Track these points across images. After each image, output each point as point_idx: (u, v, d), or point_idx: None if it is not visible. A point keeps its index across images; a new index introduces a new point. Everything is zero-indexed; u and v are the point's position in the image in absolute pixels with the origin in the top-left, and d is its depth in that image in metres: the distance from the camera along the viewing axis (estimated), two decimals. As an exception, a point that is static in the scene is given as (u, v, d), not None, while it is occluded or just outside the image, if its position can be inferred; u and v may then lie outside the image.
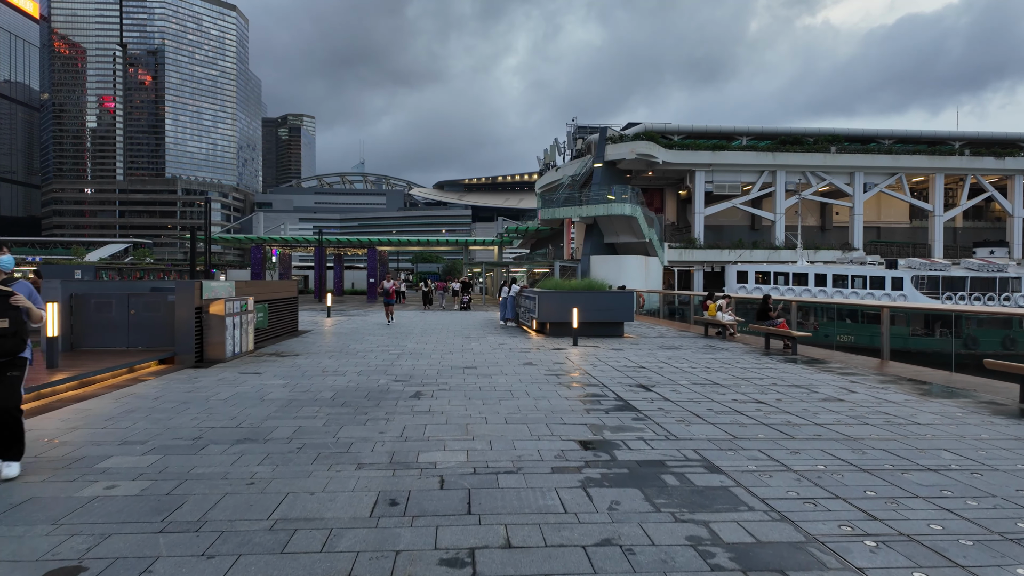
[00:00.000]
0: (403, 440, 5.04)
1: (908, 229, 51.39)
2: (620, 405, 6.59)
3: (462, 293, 28.69)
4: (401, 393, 7.11)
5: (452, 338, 13.96)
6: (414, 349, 11.66)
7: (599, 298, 14.65)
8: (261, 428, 5.39)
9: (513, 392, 7.25)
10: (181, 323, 9.07)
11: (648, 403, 6.72)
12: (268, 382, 7.76)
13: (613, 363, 9.97)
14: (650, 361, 10.29)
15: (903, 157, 44.96)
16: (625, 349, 12.05)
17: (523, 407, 6.41)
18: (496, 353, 11.17)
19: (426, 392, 7.18)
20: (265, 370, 8.72)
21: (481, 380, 8.11)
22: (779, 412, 6.38)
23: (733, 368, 9.66)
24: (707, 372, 9.18)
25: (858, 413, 6.32)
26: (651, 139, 40.01)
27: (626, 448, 4.90)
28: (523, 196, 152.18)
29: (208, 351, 9.44)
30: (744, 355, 11.42)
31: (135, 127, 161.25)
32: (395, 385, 7.66)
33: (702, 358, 10.86)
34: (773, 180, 43.99)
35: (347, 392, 7.15)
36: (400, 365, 9.46)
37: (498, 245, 43.30)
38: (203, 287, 9.37)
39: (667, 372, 9.07)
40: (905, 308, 17.42)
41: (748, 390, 7.67)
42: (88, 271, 29.83)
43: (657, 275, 38.89)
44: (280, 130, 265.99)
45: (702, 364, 10.00)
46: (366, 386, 7.57)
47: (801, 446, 5.02)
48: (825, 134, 45.62)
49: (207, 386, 7.43)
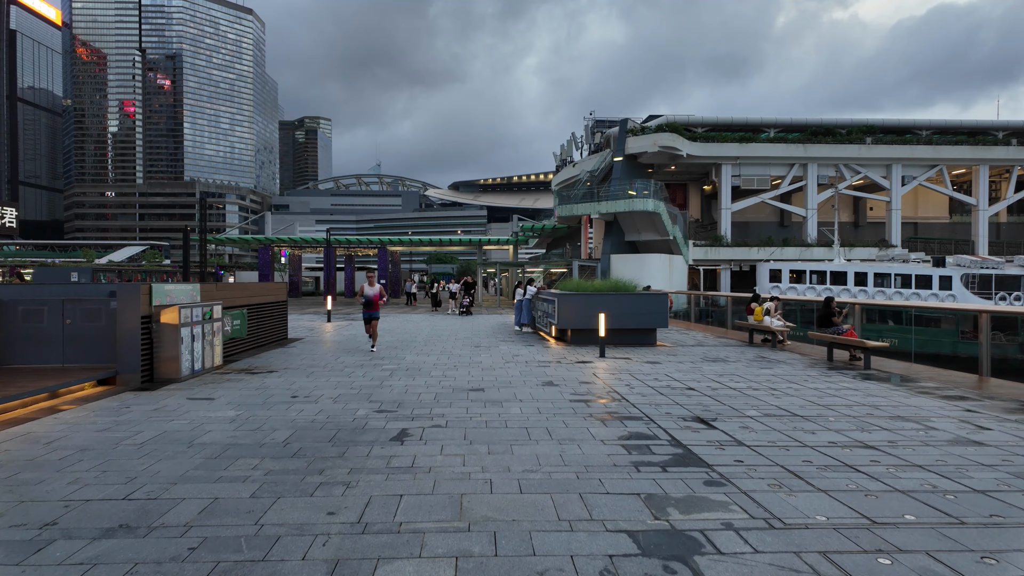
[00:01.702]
0: (360, 533, 3.24)
1: (947, 225, 48.39)
2: (679, 455, 4.73)
3: (462, 295, 23.94)
4: (380, 433, 5.33)
5: (459, 348, 12.17)
6: (412, 363, 9.90)
7: (628, 301, 12.75)
8: (157, 503, 3.64)
9: (530, 430, 5.43)
10: (124, 335, 7.42)
11: (717, 450, 4.85)
12: (215, 414, 6.05)
13: (653, 382, 8.09)
14: (698, 379, 8.39)
15: (944, 148, 42.09)
16: (663, 362, 10.15)
17: (545, 458, 4.58)
18: (509, 368, 9.36)
19: (414, 432, 5.39)
20: (221, 395, 7.02)
21: (489, 410, 6.30)
22: (906, 465, 4.47)
23: (804, 389, 7.72)
24: (774, 395, 7.26)
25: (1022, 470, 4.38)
26: (674, 131, 37.84)
27: (713, 551, 3.05)
28: (539, 196, 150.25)
29: (159, 368, 7.79)
30: (807, 369, 9.45)
31: (154, 131, 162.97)
32: (376, 419, 5.88)
33: (759, 374, 8.93)
34: (804, 174, 41.47)
35: (309, 431, 5.40)
36: (390, 386, 7.69)
37: (513, 244, 41.48)
38: (153, 291, 7.71)
39: (724, 396, 7.16)
40: (1008, 312, 15.00)
41: (841, 425, 5.75)
42: (85, 273, 28.65)
43: (681, 275, 36.70)
44: (297, 133, 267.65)
45: (763, 383, 8.07)
46: (338, 420, 5.81)
47: (994, 543, 3.11)
48: (858, 125, 42.97)
49: (132, 421, 5.74)
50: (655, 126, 39.02)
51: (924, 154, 41.85)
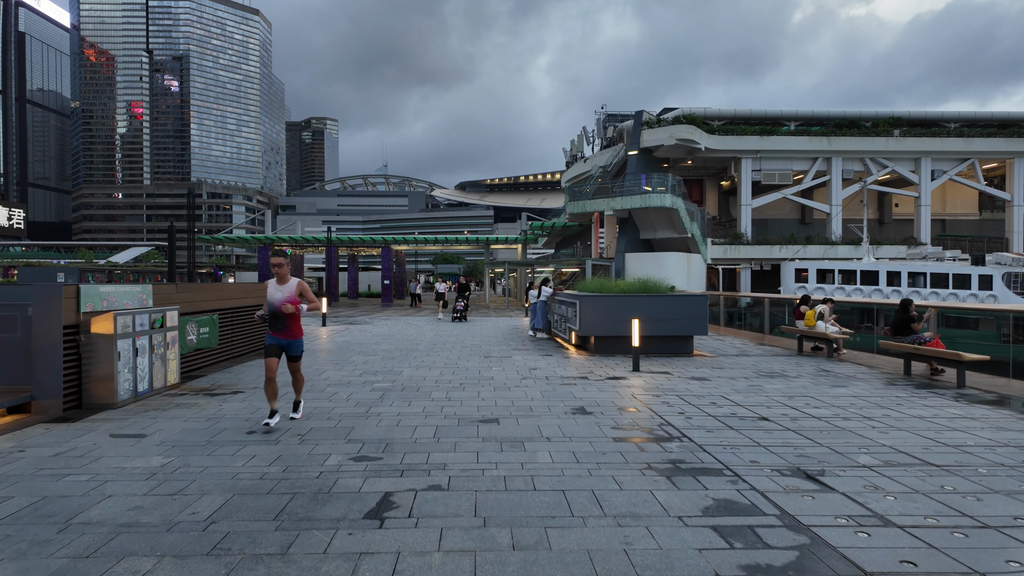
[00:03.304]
0: None
1: (976, 222, 46.19)
2: (807, 549, 3.04)
3: (457, 298, 20.68)
4: (353, 503, 3.67)
5: (466, 359, 10.52)
6: (410, 380, 8.26)
7: (662, 304, 11.04)
8: None
9: (570, 497, 3.76)
10: (41, 350, 5.84)
11: (860, 537, 3.15)
12: (133, 463, 4.43)
13: (711, 408, 6.40)
14: (765, 404, 6.68)
15: (976, 140, 39.94)
16: (711, 378, 8.44)
17: (602, 559, 2.92)
18: (528, 387, 7.69)
19: (401, 500, 3.72)
20: (158, 429, 5.40)
21: (508, 456, 4.64)
22: None
23: (907, 418, 6.01)
24: (875, 428, 5.55)
25: None
26: (692, 123, 36.02)
27: None
28: (546, 196, 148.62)
29: (90, 391, 6.20)
30: (889, 388, 7.72)
31: (161, 132, 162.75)
32: (350, 473, 4.23)
33: (837, 396, 7.21)
34: (828, 168, 39.50)
35: (250, 499, 3.75)
36: (378, 415, 6.05)
37: (522, 243, 39.79)
38: (81, 293, 6.12)
39: (812, 430, 5.46)
40: None
41: (1005, 482, 4.03)
42: (72, 273, 27.50)
43: (700, 274, 34.86)
44: (304, 133, 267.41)
45: (849, 409, 6.35)
46: (297, 475, 4.17)
47: None
48: (884, 117, 40.87)
49: (10, 476, 4.13)
50: (672, 118, 37.21)
51: (955, 147, 39.74)
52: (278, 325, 5.54)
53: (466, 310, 20.44)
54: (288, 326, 5.56)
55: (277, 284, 5.60)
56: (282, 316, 5.50)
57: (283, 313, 5.45)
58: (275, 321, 5.54)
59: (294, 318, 5.62)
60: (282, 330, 5.55)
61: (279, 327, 5.54)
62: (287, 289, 5.56)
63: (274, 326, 5.55)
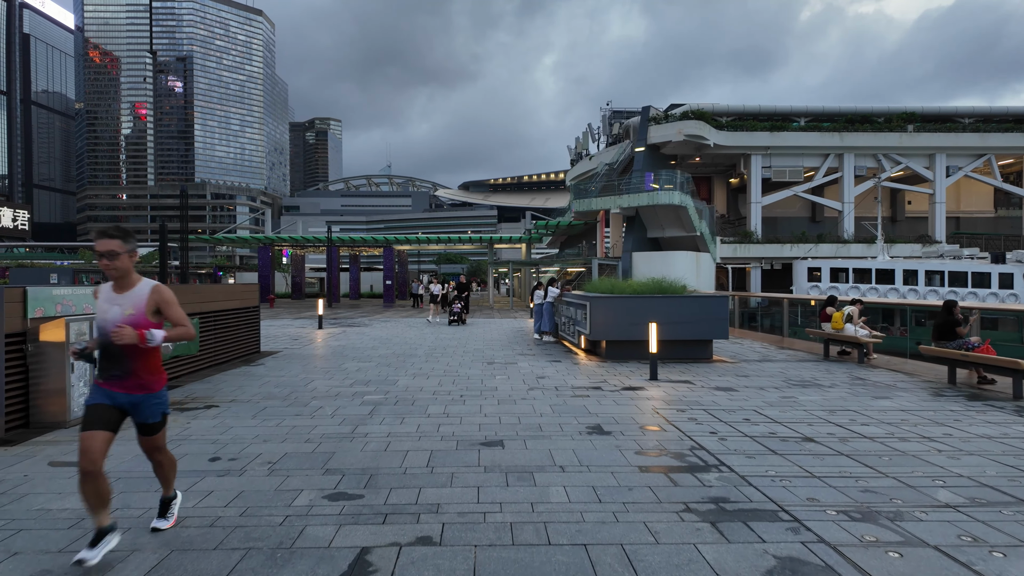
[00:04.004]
0: None
1: (991, 219, 45.08)
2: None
3: (455, 299, 18.85)
4: (317, 566, 2.90)
5: (468, 365, 9.75)
6: (405, 391, 7.49)
7: (679, 305, 10.24)
8: None
9: (594, 555, 2.96)
10: (-20, 362, 5.10)
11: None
12: (60, 505, 3.68)
13: (746, 426, 5.61)
14: (806, 420, 5.88)
15: (992, 136, 38.87)
16: (738, 388, 7.64)
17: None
18: (535, 399, 6.92)
19: (380, 564, 2.92)
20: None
21: (514, 492, 3.86)
22: None
23: (973, 438, 5.20)
24: (940, 452, 4.75)
25: None
26: (701, 118, 35.13)
27: None
28: (550, 195, 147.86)
29: (39, 407, 5.47)
30: (938, 400, 6.91)
31: (165, 133, 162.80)
32: (321, 518, 3.46)
33: (883, 409, 6.41)
34: (840, 165, 38.55)
35: (186, 562, 2.99)
36: (365, 437, 5.28)
37: (526, 243, 39.01)
38: (28, 297, 5.39)
39: (869, 455, 4.66)
40: None
41: None
42: (65, 274, 26.90)
43: (709, 274, 33.97)
44: (307, 134, 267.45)
45: (907, 429, 5.53)
46: (256, 522, 3.40)
47: None
48: (897, 112, 39.86)
49: (-91, 522, 3.39)
50: (679, 114, 36.34)
51: (971, 142, 38.70)
52: (113, 368, 2.95)
53: (464, 312, 18.58)
54: (132, 369, 2.96)
55: (113, 291, 2.98)
56: (117, 351, 2.92)
57: (117, 346, 2.89)
58: (108, 360, 2.95)
59: (143, 355, 2.97)
60: (119, 377, 2.95)
61: (114, 371, 2.95)
62: (129, 300, 2.93)
63: (107, 369, 2.96)
